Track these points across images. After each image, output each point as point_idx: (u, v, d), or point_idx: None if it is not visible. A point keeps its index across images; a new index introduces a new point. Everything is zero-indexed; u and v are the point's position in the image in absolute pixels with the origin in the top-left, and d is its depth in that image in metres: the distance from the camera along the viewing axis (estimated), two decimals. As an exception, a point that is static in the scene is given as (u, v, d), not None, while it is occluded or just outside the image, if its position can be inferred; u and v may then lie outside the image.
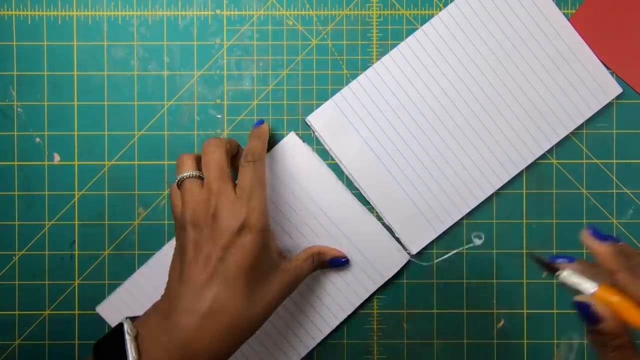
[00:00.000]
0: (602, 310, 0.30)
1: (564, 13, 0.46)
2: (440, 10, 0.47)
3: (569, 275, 0.32)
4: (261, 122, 0.45)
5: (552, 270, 0.34)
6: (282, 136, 0.47)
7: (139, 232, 0.47)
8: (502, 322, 0.47)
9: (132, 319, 0.38)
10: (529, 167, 0.47)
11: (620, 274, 0.30)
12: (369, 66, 0.47)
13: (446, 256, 0.47)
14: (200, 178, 0.40)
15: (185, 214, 0.38)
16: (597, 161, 0.47)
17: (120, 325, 0.36)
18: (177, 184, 0.40)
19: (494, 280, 0.47)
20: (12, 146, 0.47)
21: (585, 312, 0.31)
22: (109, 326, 0.47)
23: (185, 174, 0.40)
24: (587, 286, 0.31)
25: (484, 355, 0.47)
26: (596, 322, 0.30)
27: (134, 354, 0.35)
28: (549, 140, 0.46)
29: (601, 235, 0.32)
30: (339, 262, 0.45)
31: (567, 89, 0.46)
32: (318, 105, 0.47)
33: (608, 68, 0.47)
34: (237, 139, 0.47)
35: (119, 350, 0.35)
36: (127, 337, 0.35)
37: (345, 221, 0.46)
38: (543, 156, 0.47)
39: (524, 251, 0.47)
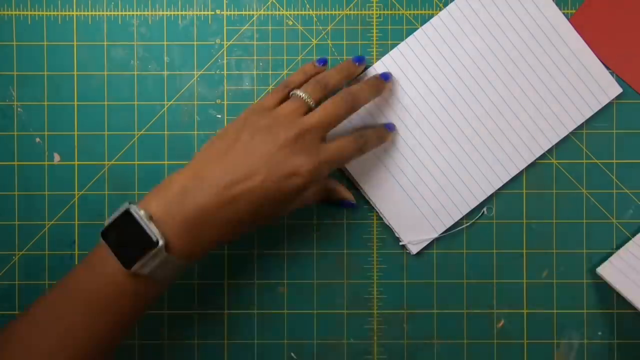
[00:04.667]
0: None
1: (564, 13, 0.46)
2: (441, 10, 0.47)
3: None
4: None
5: None
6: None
7: (139, 232, 0.47)
8: (502, 322, 0.47)
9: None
10: (529, 167, 0.47)
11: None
12: (369, 66, 0.47)
13: (459, 228, 0.47)
14: (309, 106, 0.41)
15: (263, 121, 0.39)
16: (597, 161, 0.47)
17: (125, 211, 0.36)
18: (288, 91, 0.42)
19: (494, 280, 0.47)
20: (12, 146, 0.47)
21: None
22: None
23: (302, 94, 0.41)
24: None
25: (484, 355, 0.47)
26: None
27: (157, 233, 0.35)
28: (549, 140, 0.46)
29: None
30: (347, 205, 0.46)
31: (567, 88, 0.46)
32: (318, 105, 0.47)
33: (608, 68, 0.47)
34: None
35: (135, 236, 0.35)
36: (142, 220, 0.36)
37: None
38: (543, 156, 0.47)
39: (524, 251, 0.47)
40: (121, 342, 0.38)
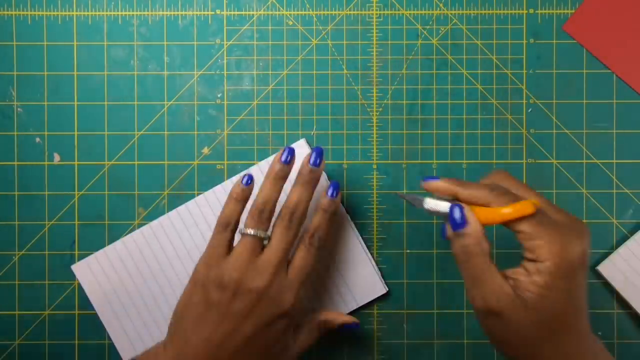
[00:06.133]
0: (469, 213, 0.34)
1: (562, 13, 0.47)
2: (440, 10, 0.47)
3: (429, 202, 0.36)
4: (337, 189, 0.42)
5: (418, 204, 0.37)
6: (282, 137, 0.47)
7: (139, 232, 0.47)
8: (502, 322, 0.47)
9: None
10: (529, 167, 0.47)
11: (459, 191, 0.35)
12: (369, 66, 0.47)
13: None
14: (262, 240, 0.39)
15: (226, 275, 0.38)
16: (597, 161, 0.47)
17: None
18: (231, 229, 0.40)
19: (494, 280, 0.47)
20: (12, 146, 0.47)
21: (452, 220, 0.34)
22: (106, 330, 0.47)
23: (251, 231, 0.39)
24: (444, 204, 0.35)
25: (484, 355, 0.47)
26: (463, 225, 0.34)
27: None
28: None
29: (432, 177, 0.36)
30: (350, 328, 0.44)
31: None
32: (318, 105, 0.47)
33: (608, 68, 0.47)
34: (237, 139, 0.47)
35: None
36: None
37: (335, 242, 0.46)
38: (543, 156, 0.47)
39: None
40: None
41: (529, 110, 0.47)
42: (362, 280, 0.46)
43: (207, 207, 0.46)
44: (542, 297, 0.31)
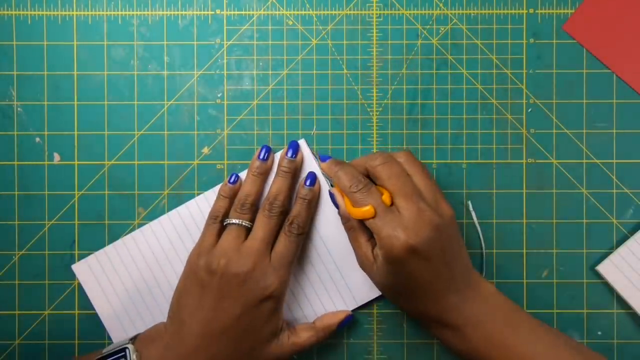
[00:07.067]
0: (338, 199, 0.42)
1: (562, 13, 0.47)
2: (440, 9, 0.47)
3: (320, 175, 0.45)
4: (313, 180, 0.45)
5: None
6: (282, 136, 0.47)
7: (139, 232, 0.47)
8: (502, 322, 0.47)
9: (132, 339, 0.42)
10: (529, 167, 0.47)
11: (334, 177, 0.42)
12: (369, 66, 0.47)
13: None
14: (245, 229, 0.43)
15: (214, 262, 0.41)
16: (597, 161, 0.47)
17: (124, 348, 0.41)
18: (219, 221, 0.44)
19: (495, 281, 0.47)
20: (12, 146, 0.47)
21: (332, 200, 0.43)
22: (106, 330, 0.47)
23: (234, 221, 0.43)
24: (328, 183, 0.45)
25: (484, 355, 0.47)
26: (337, 207, 0.43)
27: None
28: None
29: (323, 157, 0.44)
30: (347, 321, 0.45)
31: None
32: (318, 105, 0.47)
33: (608, 68, 0.47)
34: (237, 139, 0.47)
35: None
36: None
37: (336, 243, 0.46)
38: (543, 156, 0.47)
39: (524, 251, 0.47)
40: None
41: (529, 110, 0.47)
42: (362, 280, 0.46)
43: (207, 207, 0.46)
44: (381, 272, 0.40)
